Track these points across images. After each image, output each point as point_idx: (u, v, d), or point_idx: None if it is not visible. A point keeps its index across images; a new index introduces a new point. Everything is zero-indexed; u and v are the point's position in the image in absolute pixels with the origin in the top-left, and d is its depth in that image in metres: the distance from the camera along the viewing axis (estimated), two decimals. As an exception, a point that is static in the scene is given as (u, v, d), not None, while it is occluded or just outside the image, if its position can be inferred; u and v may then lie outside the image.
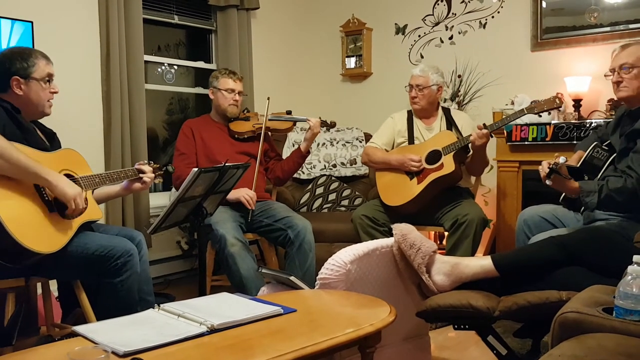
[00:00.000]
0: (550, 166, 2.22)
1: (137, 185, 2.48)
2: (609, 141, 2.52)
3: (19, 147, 1.99)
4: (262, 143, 3.08)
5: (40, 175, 2.00)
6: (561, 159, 2.23)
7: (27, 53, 2.22)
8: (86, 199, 2.26)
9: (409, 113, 3.32)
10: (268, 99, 3.09)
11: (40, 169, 2.00)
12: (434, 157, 3.04)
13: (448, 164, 2.97)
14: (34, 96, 2.19)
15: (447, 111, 3.29)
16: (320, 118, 3.15)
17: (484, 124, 2.90)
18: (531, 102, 3.05)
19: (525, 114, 2.84)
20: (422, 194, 3.01)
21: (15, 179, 1.97)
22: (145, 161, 2.57)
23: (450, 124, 3.22)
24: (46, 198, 2.04)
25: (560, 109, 3.03)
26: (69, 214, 2.08)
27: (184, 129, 3.17)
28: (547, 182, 2.26)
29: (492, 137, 2.97)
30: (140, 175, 2.47)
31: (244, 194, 2.91)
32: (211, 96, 3.23)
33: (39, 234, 1.97)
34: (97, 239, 2.20)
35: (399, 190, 3.08)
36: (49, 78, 2.23)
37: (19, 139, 2.06)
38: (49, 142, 2.31)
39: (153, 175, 2.51)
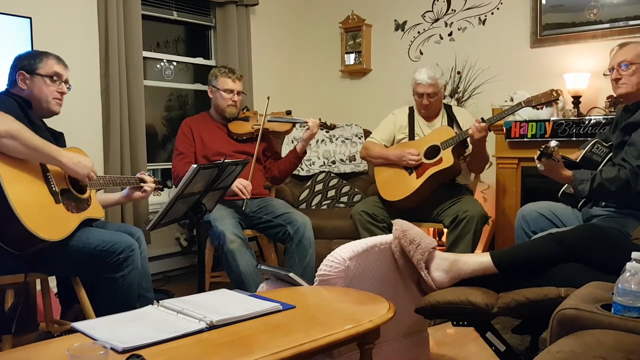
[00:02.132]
0: (541, 149, 2.22)
1: (138, 193, 2.57)
2: (612, 142, 2.52)
3: None
4: (259, 144, 3.06)
5: (54, 156, 2.05)
6: (552, 143, 2.22)
7: (40, 53, 2.26)
8: (90, 198, 2.28)
9: (410, 109, 3.31)
10: (268, 98, 3.08)
11: (53, 150, 2.05)
12: (432, 152, 3.04)
13: (447, 158, 2.97)
14: (36, 91, 2.21)
15: (448, 108, 3.29)
16: (320, 119, 3.13)
17: (482, 118, 2.91)
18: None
19: (523, 107, 2.86)
20: (421, 189, 3.00)
21: (25, 167, 1.99)
22: (147, 172, 2.65)
23: (452, 120, 3.22)
24: (53, 189, 2.06)
25: (557, 101, 3.03)
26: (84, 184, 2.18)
27: (183, 128, 3.15)
28: (539, 166, 2.26)
29: (490, 131, 2.97)
30: (142, 184, 2.56)
31: (237, 183, 2.86)
32: (210, 95, 3.21)
33: (45, 221, 1.98)
34: (98, 234, 2.21)
35: (397, 185, 3.08)
36: (56, 76, 2.24)
37: None
38: (56, 141, 2.32)
39: (154, 185, 2.60)
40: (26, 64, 2.21)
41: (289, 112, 3.21)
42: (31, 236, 1.90)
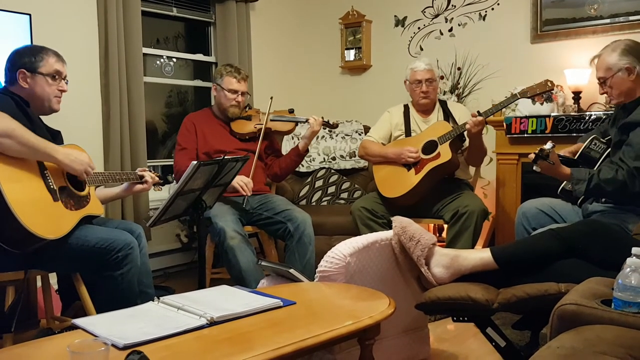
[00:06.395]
0: (536, 152, 2.23)
1: (139, 186, 2.56)
2: (610, 136, 2.52)
3: None
4: (260, 141, 3.07)
5: (49, 153, 2.05)
6: (548, 145, 2.23)
7: (38, 50, 2.24)
8: (89, 194, 2.28)
9: (406, 107, 3.32)
10: (271, 98, 3.07)
11: (49, 148, 2.05)
12: (430, 147, 3.04)
13: (444, 152, 2.97)
14: (38, 90, 2.20)
15: (443, 103, 3.31)
16: (322, 118, 3.12)
17: (478, 111, 2.90)
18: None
19: (519, 98, 2.88)
20: (420, 184, 3.00)
21: (22, 166, 1.98)
22: (147, 168, 2.65)
23: (448, 115, 3.23)
24: (51, 186, 2.06)
25: (552, 92, 3.03)
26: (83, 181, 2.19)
27: (186, 123, 3.15)
28: (535, 167, 2.27)
29: (487, 124, 2.97)
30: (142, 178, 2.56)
31: (238, 180, 2.85)
32: (214, 92, 3.19)
33: (43, 220, 1.98)
34: (97, 232, 2.20)
35: (397, 182, 3.08)
36: (57, 75, 2.23)
37: None
38: (54, 140, 2.32)
39: (156, 178, 2.59)
40: (27, 61, 2.18)
41: (291, 111, 3.20)
42: (29, 235, 1.90)
